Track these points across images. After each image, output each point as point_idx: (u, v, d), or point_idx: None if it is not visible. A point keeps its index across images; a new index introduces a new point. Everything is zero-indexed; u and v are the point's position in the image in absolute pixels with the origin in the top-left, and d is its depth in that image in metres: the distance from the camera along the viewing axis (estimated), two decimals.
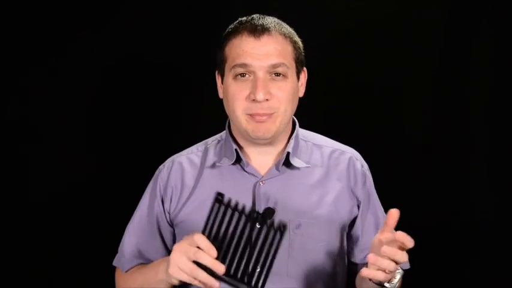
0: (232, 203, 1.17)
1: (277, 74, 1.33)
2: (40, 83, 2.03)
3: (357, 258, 1.49)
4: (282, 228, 1.15)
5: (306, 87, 1.46)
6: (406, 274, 1.52)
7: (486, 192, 2.04)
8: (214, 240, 1.17)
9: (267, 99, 1.31)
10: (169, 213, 1.45)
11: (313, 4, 2.02)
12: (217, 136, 1.50)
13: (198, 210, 1.39)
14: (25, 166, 2.05)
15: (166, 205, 1.45)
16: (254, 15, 1.37)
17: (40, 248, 2.05)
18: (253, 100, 1.31)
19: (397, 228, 1.52)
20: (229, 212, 1.18)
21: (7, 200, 2.04)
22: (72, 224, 2.06)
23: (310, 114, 1.51)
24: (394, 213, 1.20)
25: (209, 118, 2.01)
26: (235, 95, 1.34)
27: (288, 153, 1.39)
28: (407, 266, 1.52)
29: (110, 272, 1.75)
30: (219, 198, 1.18)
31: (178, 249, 1.19)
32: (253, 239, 1.17)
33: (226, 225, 1.18)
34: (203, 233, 1.18)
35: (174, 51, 2.04)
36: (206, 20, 2.03)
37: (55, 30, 2.01)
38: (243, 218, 1.17)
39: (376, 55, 2.03)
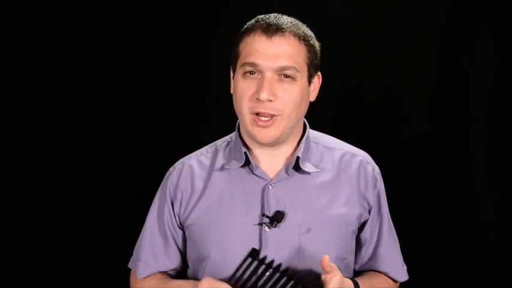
0: (267, 260, 1.24)
1: (286, 76, 1.32)
2: (40, 83, 2.03)
3: (358, 263, 1.48)
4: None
5: None
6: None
7: (486, 192, 2.04)
8: None
9: (270, 100, 1.30)
10: (179, 216, 1.44)
11: (313, 4, 2.02)
12: (227, 137, 1.49)
13: (206, 213, 1.39)
14: (25, 166, 2.05)
15: (176, 208, 1.43)
16: (272, 14, 1.36)
17: (40, 248, 2.05)
18: (258, 99, 1.31)
19: (399, 229, 1.53)
20: (261, 267, 1.25)
21: (7, 200, 2.04)
22: (73, 224, 2.06)
23: (309, 113, 1.50)
24: (324, 260, 1.25)
25: (209, 118, 2.02)
26: (242, 92, 1.33)
27: (298, 157, 1.38)
28: (405, 278, 1.51)
29: (110, 272, 1.75)
30: (253, 254, 1.24)
31: None
32: None
33: (255, 279, 1.25)
34: (232, 278, 1.25)
35: (174, 51, 2.04)
36: (206, 20, 2.03)
37: (55, 30, 2.01)
38: (276, 276, 1.25)
39: (376, 55, 2.03)
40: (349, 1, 2.03)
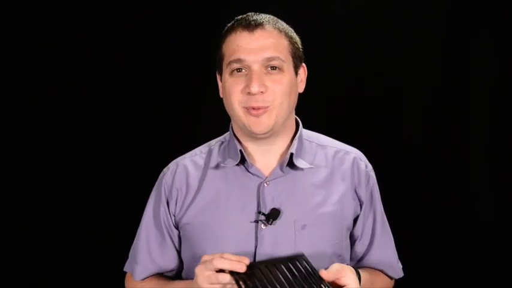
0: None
1: (273, 68, 1.33)
2: (40, 83, 2.03)
3: (353, 260, 1.48)
4: None
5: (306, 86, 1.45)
6: (405, 274, 1.53)
7: (486, 192, 2.04)
8: None
9: (261, 92, 1.31)
10: (174, 216, 1.44)
11: (313, 4, 2.02)
12: (221, 138, 1.49)
13: (202, 211, 1.39)
14: (24, 166, 2.05)
15: (172, 208, 1.43)
16: (249, 13, 1.38)
17: (40, 247, 2.05)
18: (249, 93, 1.31)
19: (399, 229, 1.53)
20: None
21: (7, 200, 2.04)
22: (73, 224, 2.06)
23: (309, 113, 1.51)
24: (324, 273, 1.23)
25: (209, 118, 2.01)
26: (231, 88, 1.34)
27: (292, 154, 1.38)
28: (401, 275, 1.51)
29: (110, 272, 1.75)
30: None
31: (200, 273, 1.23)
32: None
33: None
34: None
35: (174, 51, 2.04)
36: (206, 20, 2.03)
37: (55, 30, 2.01)
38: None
39: (376, 55, 2.03)
40: (349, 1, 2.04)
